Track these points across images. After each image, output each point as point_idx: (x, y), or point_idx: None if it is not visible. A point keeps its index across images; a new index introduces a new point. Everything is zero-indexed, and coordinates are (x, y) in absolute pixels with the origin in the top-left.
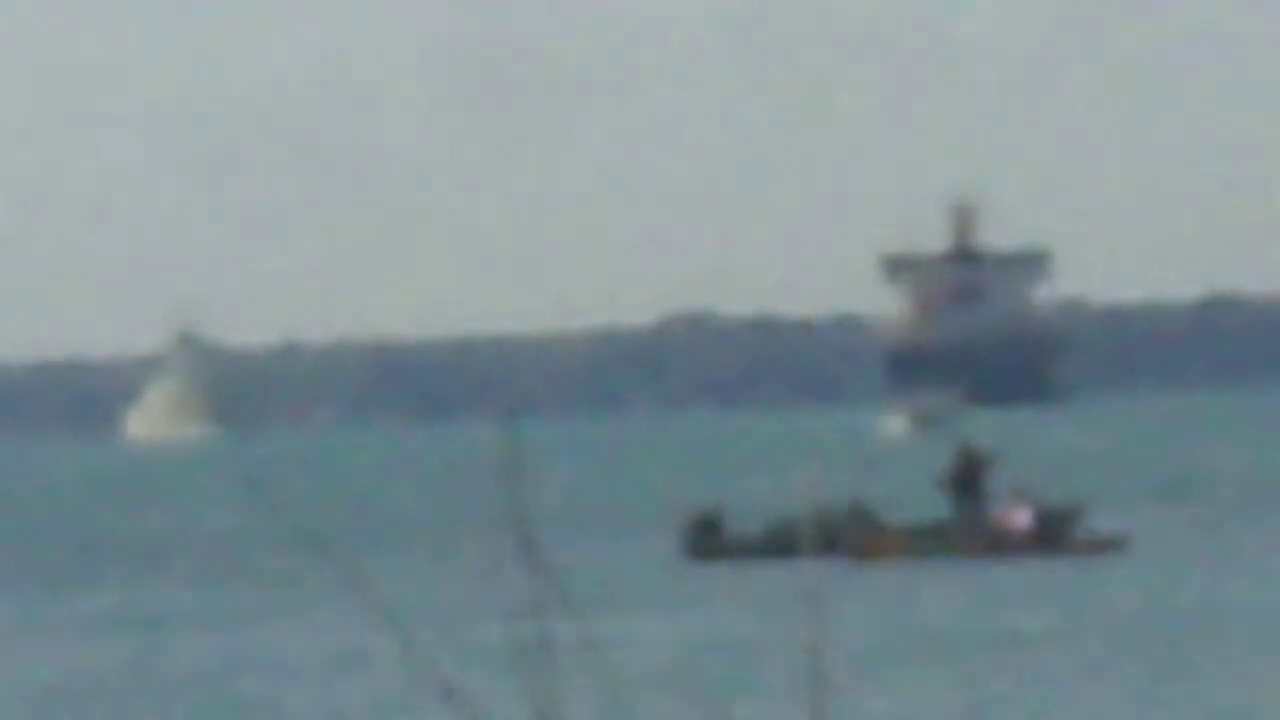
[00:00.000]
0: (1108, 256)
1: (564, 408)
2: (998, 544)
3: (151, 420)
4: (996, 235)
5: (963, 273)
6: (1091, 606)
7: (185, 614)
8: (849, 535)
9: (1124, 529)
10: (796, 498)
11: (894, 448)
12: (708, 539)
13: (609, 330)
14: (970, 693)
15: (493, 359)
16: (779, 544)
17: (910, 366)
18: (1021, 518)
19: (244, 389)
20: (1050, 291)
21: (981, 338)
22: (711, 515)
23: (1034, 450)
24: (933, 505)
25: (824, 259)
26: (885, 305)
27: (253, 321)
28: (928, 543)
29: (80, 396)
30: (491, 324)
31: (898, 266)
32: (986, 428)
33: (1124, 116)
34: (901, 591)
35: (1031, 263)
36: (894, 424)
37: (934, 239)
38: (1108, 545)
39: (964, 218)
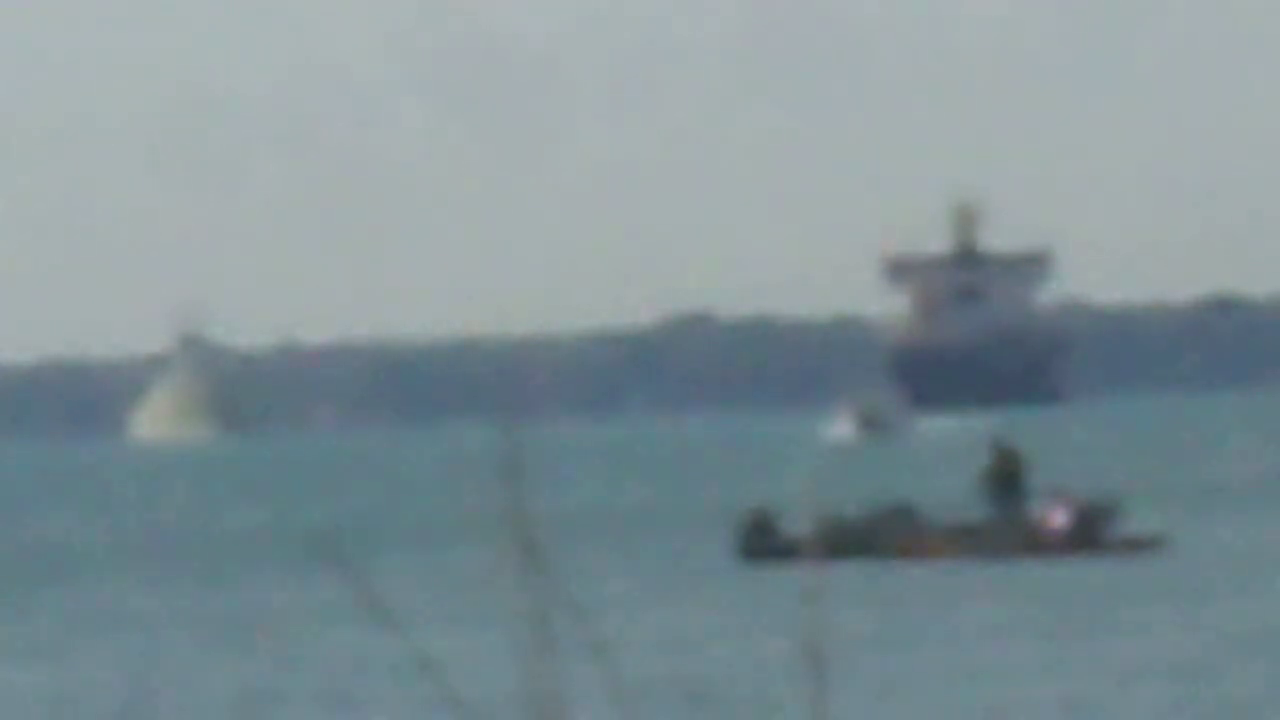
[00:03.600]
0: (1109, 258)
1: (564, 408)
2: (1037, 543)
3: (157, 421)
4: (998, 237)
5: (964, 274)
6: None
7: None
8: (892, 535)
9: (1161, 528)
10: (823, 500)
11: (837, 451)
12: (762, 539)
13: (609, 330)
14: None
15: (493, 359)
16: (832, 544)
17: (912, 368)
18: (1060, 517)
19: (247, 390)
20: (1051, 293)
21: (983, 339)
22: (767, 516)
23: (1036, 451)
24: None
25: (825, 260)
26: (887, 307)
27: (253, 322)
28: (969, 542)
29: (85, 397)
30: (491, 324)
31: (899, 268)
32: (938, 430)
33: (1125, 118)
34: None
35: (1032, 264)
36: (837, 427)
37: (935, 240)
38: (1147, 544)
39: (965, 219)
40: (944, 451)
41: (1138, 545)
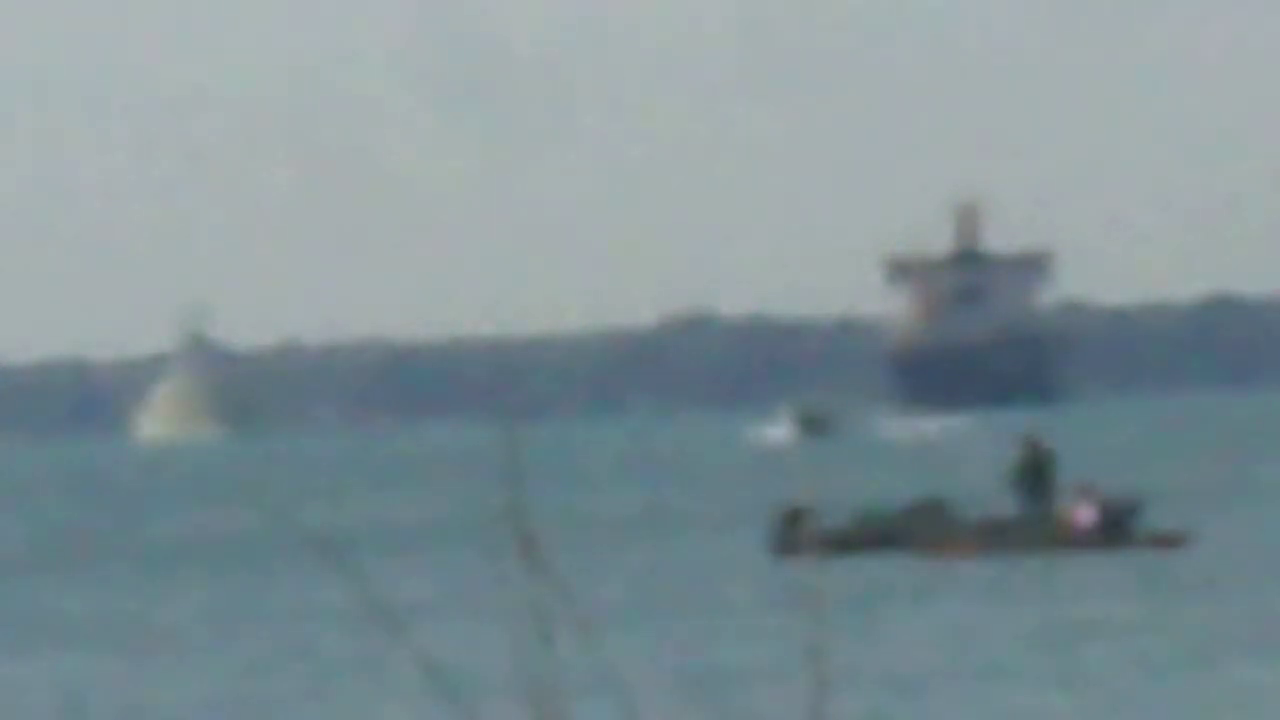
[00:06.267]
0: (1110, 258)
1: (564, 408)
2: (1062, 539)
3: (160, 420)
4: (999, 237)
5: (966, 275)
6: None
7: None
8: (923, 530)
9: (1185, 524)
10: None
11: (775, 455)
12: (796, 534)
13: (609, 330)
14: None
15: (493, 359)
16: (864, 538)
17: (913, 368)
18: (1085, 513)
19: (249, 390)
20: (1052, 293)
21: (984, 339)
22: (801, 510)
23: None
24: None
25: (826, 260)
26: (888, 307)
27: (253, 322)
28: (996, 539)
29: (87, 397)
30: (491, 324)
31: (901, 269)
32: (892, 432)
33: (1126, 118)
34: None
35: (1034, 264)
36: (774, 429)
37: (937, 241)
38: (1171, 540)
39: (967, 220)
40: (890, 454)
41: (1164, 541)
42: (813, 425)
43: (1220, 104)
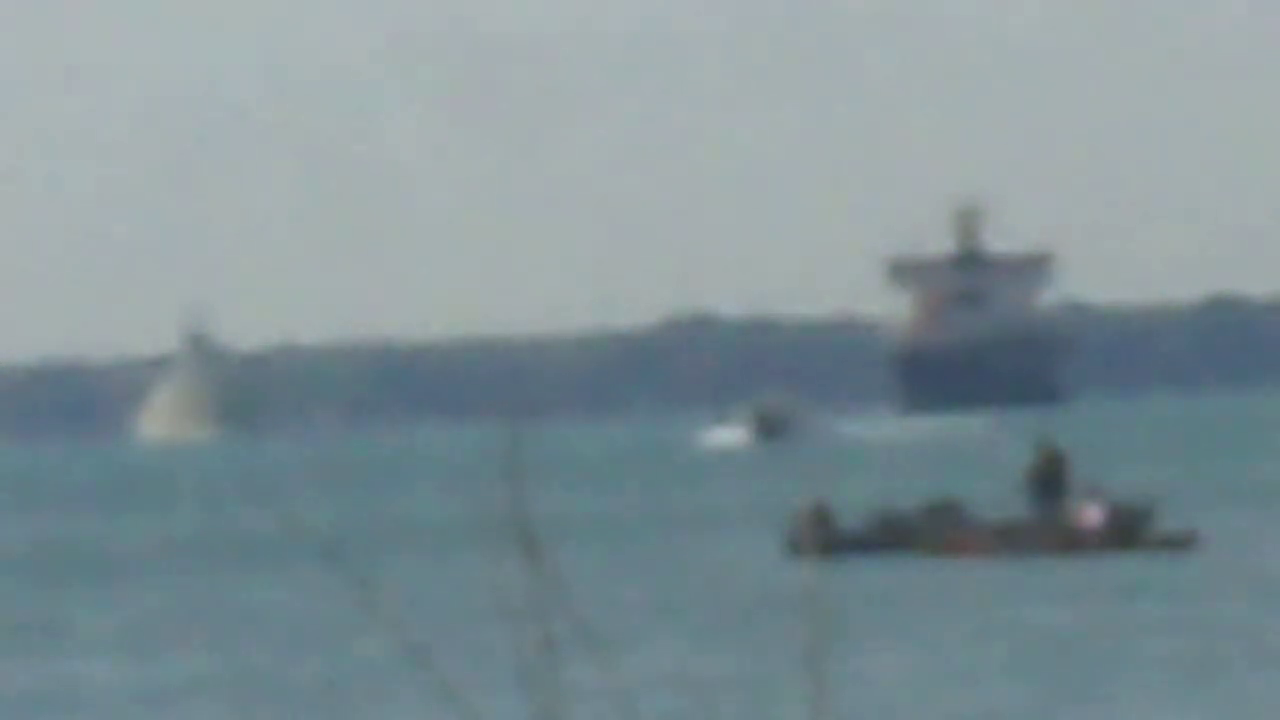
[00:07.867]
0: (1110, 259)
1: (564, 408)
2: (1072, 542)
3: (161, 421)
4: (1000, 239)
5: (967, 276)
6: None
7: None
8: (938, 531)
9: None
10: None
11: (725, 458)
12: (813, 533)
13: (609, 330)
14: None
15: (493, 360)
16: (884, 538)
17: (914, 369)
18: (1093, 515)
19: (250, 390)
20: (1053, 294)
21: (985, 340)
22: (821, 510)
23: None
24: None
25: (827, 261)
26: (889, 308)
27: (253, 322)
28: (1007, 540)
29: (89, 398)
30: (492, 325)
31: (902, 270)
32: (855, 433)
33: (1127, 119)
34: None
35: (1035, 266)
36: (727, 432)
37: (937, 242)
38: (1181, 543)
39: (968, 221)
40: (843, 456)
41: (1172, 544)
42: (768, 427)
43: (1221, 104)
